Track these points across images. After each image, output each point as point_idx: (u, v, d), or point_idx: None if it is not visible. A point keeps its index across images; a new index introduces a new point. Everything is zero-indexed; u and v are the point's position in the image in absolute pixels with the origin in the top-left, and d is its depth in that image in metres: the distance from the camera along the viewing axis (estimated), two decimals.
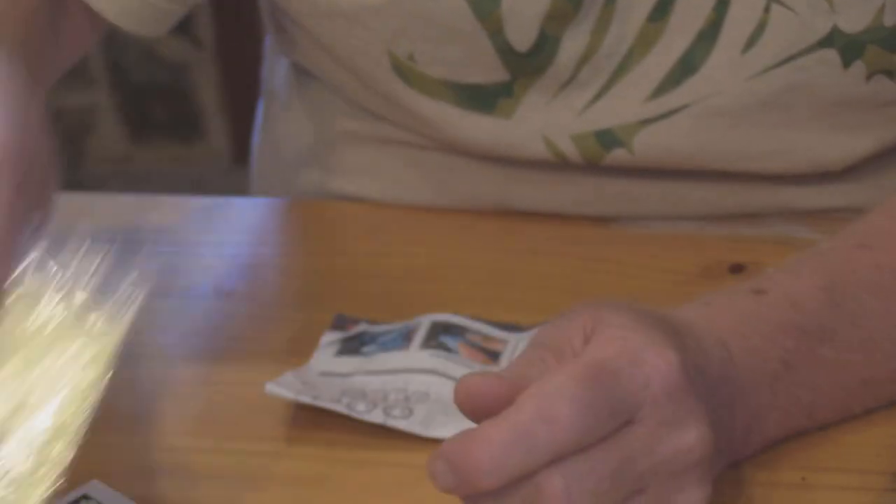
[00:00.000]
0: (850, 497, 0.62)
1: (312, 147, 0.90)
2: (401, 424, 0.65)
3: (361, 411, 0.65)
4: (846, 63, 0.75)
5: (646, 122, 0.78)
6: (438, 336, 0.70)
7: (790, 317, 0.62)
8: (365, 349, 0.70)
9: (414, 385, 0.67)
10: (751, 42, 0.75)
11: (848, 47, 0.74)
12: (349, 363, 0.70)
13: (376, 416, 0.65)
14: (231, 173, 2.20)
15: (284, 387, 0.66)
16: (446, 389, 0.65)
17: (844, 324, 0.63)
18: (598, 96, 0.78)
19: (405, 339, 0.70)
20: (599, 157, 0.80)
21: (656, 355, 0.55)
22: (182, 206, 0.87)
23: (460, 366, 0.68)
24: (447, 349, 0.69)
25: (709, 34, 0.75)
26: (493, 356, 0.69)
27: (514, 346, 0.70)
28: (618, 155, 0.79)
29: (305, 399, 0.65)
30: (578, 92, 0.78)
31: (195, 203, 0.87)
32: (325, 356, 0.71)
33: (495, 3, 0.74)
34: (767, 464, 0.63)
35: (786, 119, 0.78)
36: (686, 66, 0.76)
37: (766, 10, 0.74)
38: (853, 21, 0.74)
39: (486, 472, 0.51)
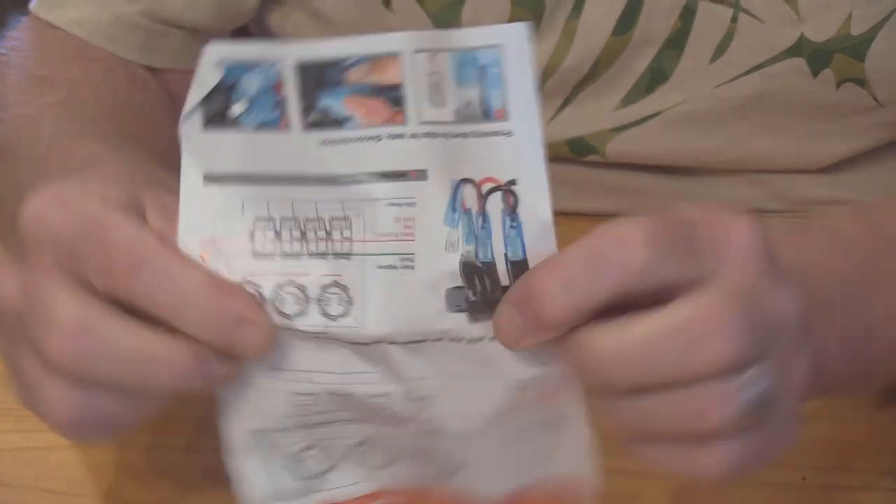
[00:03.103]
0: (850, 497, 0.62)
1: None
2: (344, 329, 0.52)
3: (290, 313, 0.52)
4: (815, 72, 0.76)
5: (617, 129, 0.79)
6: (316, 97, 0.51)
7: (835, 240, 0.59)
8: (237, 109, 0.52)
9: (328, 209, 0.52)
10: (719, 51, 0.76)
11: (815, 56, 0.75)
12: (230, 141, 0.52)
13: (313, 321, 0.52)
14: None
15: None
16: (373, 209, 0.51)
17: (886, 248, 0.60)
18: (564, 105, 0.79)
19: (275, 103, 0.51)
20: (573, 162, 0.81)
21: (736, 216, 0.50)
22: None
23: (368, 147, 0.51)
24: (336, 121, 0.51)
25: (676, 43, 0.76)
26: (393, 98, 0.51)
27: (412, 58, 0.50)
28: (592, 160, 0.80)
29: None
30: (545, 102, 0.78)
31: None
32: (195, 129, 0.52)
33: (455, 14, 0.75)
34: (768, 463, 0.63)
35: (758, 125, 0.79)
36: (656, 75, 0.77)
37: (734, 19, 0.75)
38: (820, 30, 0.74)
39: (552, 301, 0.48)
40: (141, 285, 0.50)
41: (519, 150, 0.50)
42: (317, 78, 0.51)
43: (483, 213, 0.50)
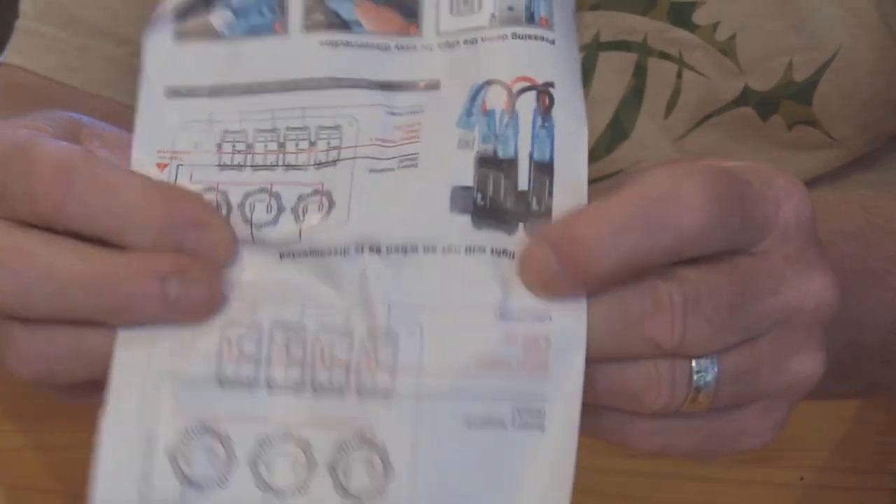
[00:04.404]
0: (849, 497, 0.62)
1: None
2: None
3: (262, 221, 0.44)
4: (763, 118, 0.76)
5: None
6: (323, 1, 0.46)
7: (835, 222, 0.54)
8: (218, 20, 0.46)
9: (316, 117, 0.45)
10: (671, 106, 0.76)
11: (762, 104, 0.75)
12: (205, 52, 0.46)
13: (286, 229, 0.44)
14: None
15: None
16: (370, 115, 0.45)
17: (885, 238, 0.56)
18: None
19: (273, 6, 0.46)
20: None
21: (788, 181, 0.45)
22: None
23: (373, 55, 0.46)
24: (342, 23, 0.46)
25: (632, 101, 0.76)
26: (409, 11, 0.46)
27: None
28: None
29: None
30: None
31: None
32: (162, 41, 0.47)
33: None
34: (767, 464, 0.63)
35: None
36: (616, 132, 0.77)
37: (679, 75, 0.75)
38: (763, 80, 0.75)
39: (598, 251, 0.42)
40: (71, 199, 0.43)
41: (560, 59, 0.44)
42: None
43: (512, 111, 0.44)
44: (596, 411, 0.45)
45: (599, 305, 0.43)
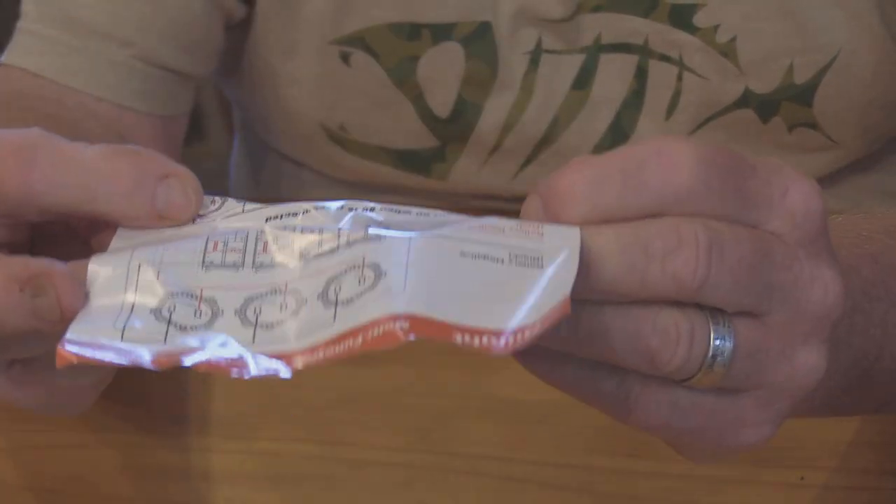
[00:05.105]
0: (849, 497, 0.62)
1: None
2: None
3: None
4: (764, 120, 0.76)
5: None
6: None
7: (862, 245, 0.54)
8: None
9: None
10: (671, 108, 0.77)
11: (763, 106, 0.76)
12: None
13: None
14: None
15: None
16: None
17: None
18: (527, 162, 0.80)
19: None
20: None
21: (798, 174, 0.45)
22: None
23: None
24: None
25: (633, 103, 0.77)
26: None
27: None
28: None
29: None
30: (507, 158, 0.80)
31: None
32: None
33: (410, 70, 0.76)
34: (767, 463, 0.63)
35: None
36: (616, 134, 0.78)
37: (679, 77, 0.76)
38: (764, 82, 0.75)
39: (576, 198, 0.43)
40: (38, 175, 0.44)
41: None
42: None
43: None
44: (604, 375, 0.44)
45: (619, 239, 0.42)
